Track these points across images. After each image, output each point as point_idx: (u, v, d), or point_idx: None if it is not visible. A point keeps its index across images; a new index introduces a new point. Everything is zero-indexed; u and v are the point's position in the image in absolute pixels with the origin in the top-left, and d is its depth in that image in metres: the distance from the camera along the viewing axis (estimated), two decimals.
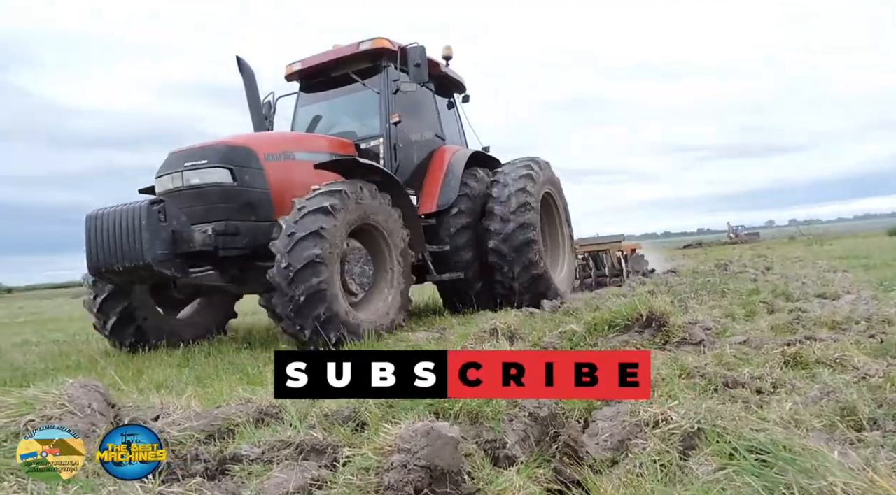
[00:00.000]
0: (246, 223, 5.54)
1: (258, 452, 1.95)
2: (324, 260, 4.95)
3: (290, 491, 1.75)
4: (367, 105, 7.17)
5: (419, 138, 7.54)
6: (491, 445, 2.08)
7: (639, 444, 2.09)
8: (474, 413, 2.18)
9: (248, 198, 5.59)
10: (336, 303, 5.04)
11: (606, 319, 4.12)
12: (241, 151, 5.67)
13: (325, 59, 7.30)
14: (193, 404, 2.37)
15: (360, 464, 1.62)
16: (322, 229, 5.00)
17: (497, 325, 4.31)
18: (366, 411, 2.40)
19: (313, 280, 4.88)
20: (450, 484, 1.57)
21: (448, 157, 7.60)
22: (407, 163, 7.18)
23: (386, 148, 6.83)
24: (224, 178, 5.51)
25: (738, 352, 3.49)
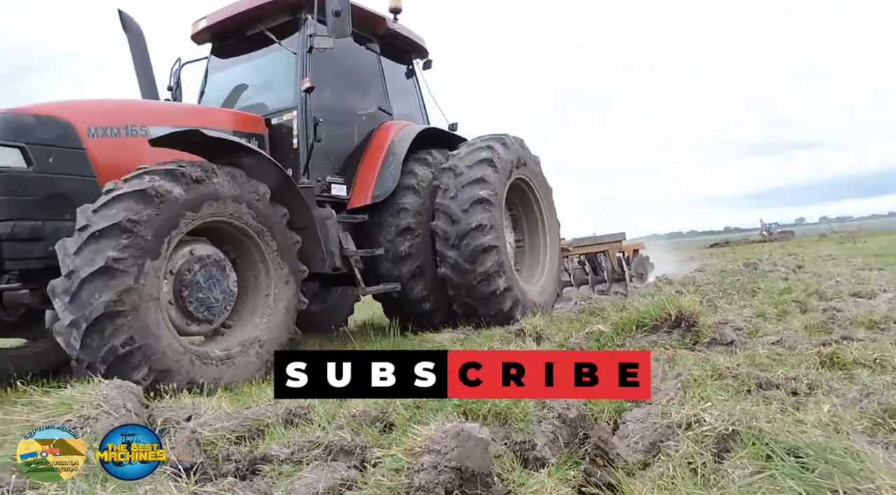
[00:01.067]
0: (54, 223, 3.94)
1: (288, 453, 1.97)
2: (120, 292, 3.26)
3: (319, 492, 1.76)
4: (281, 69, 5.48)
5: (352, 111, 5.83)
6: (520, 447, 2.06)
7: (671, 446, 2.05)
8: (503, 414, 2.17)
9: (56, 188, 3.98)
10: (150, 347, 3.35)
11: (634, 319, 4.06)
12: (46, 124, 4.00)
13: (235, 13, 5.63)
14: (224, 405, 2.40)
15: (390, 465, 1.62)
16: (123, 241, 3.33)
17: (524, 326, 4.28)
18: (393, 412, 2.41)
19: (108, 326, 3.23)
20: (480, 486, 1.56)
21: (391, 136, 5.84)
22: (335, 142, 5.55)
23: (300, 122, 5.12)
24: (13, 162, 3.92)
25: (772, 353, 3.41)
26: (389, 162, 5.69)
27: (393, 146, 5.77)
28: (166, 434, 1.96)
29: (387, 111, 6.17)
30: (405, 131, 5.96)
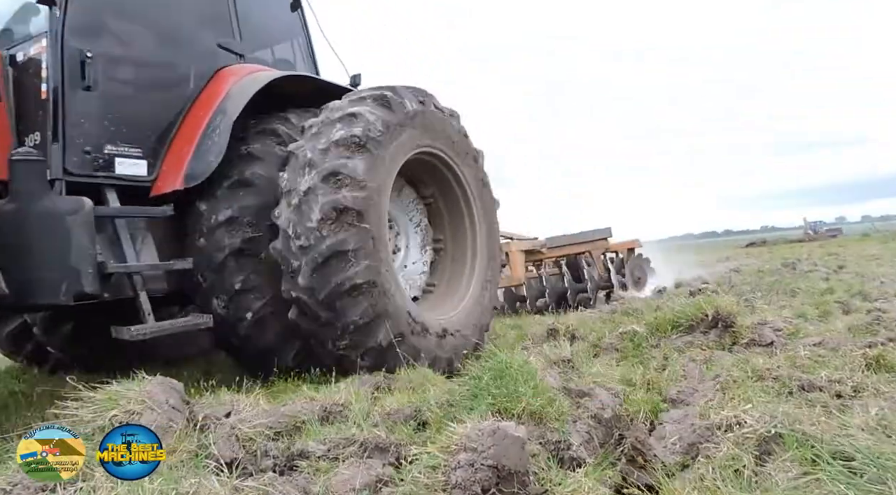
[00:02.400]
0: None
1: (324, 449, 2.00)
2: None
3: (356, 488, 1.78)
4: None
5: (168, 46, 3.79)
6: (555, 446, 2.04)
7: (711, 448, 2.01)
8: (537, 413, 2.16)
9: None
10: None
11: (669, 319, 4.00)
12: None
13: None
14: (262, 402, 2.44)
15: (426, 462, 1.62)
16: None
17: (556, 326, 4.25)
18: (427, 410, 2.42)
19: None
20: (517, 485, 1.56)
21: (227, 87, 3.78)
22: (132, 94, 3.59)
23: (51, 57, 3.16)
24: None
25: (813, 354, 3.31)
26: (215, 125, 3.57)
27: (226, 102, 3.66)
28: (207, 429, 2.00)
29: (234, 51, 4.07)
30: (248, 80, 3.79)
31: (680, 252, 14.89)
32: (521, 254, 7.72)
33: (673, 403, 2.58)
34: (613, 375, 2.95)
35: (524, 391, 2.22)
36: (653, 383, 2.88)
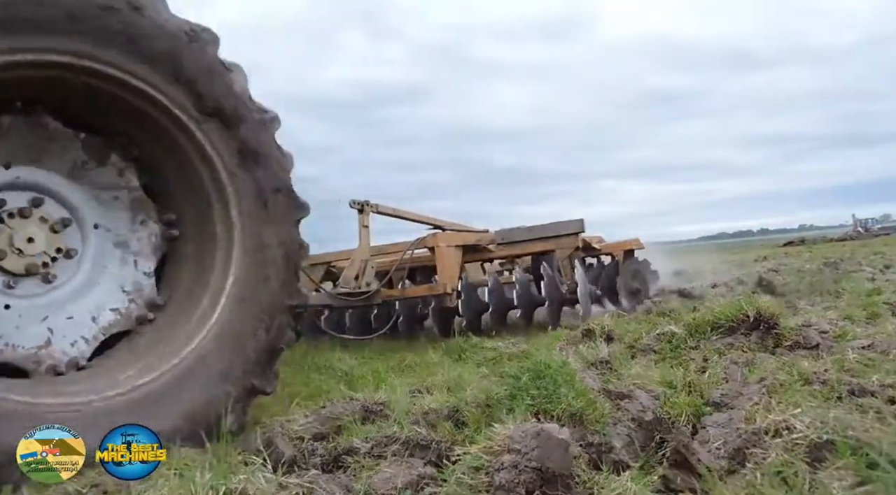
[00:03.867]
0: None
1: (368, 447, 2.02)
2: None
3: (398, 487, 1.79)
4: None
5: None
6: (596, 449, 2.03)
7: (758, 454, 1.96)
8: (578, 415, 2.14)
9: None
10: None
11: (709, 320, 3.90)
12: None
13: None
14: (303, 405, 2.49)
15: (470, 463, 1.63)
16: None
17: (593, 326, 4.20)
18: (466, 410, 2.42)
19: None
20: (561, 487, 1.55)
21: None
22: None
23: None
24: None
25: (863, 358, 3.20)
26: None
27: None
28: (255, 429, 2.05)
29: None
30: None
31: (713, 252, 14.55)
32: (454, 252, 5.79)
33: (716, 407, 2.53)
34: (653, 377, 2.90)
35: (564, 392, 2.21)
36: (694, 385, 2.83)
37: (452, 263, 5.75)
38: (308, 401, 2.76)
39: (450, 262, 5.71)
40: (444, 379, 3.07)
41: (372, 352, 5.20)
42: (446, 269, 5.64)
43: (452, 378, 3.05)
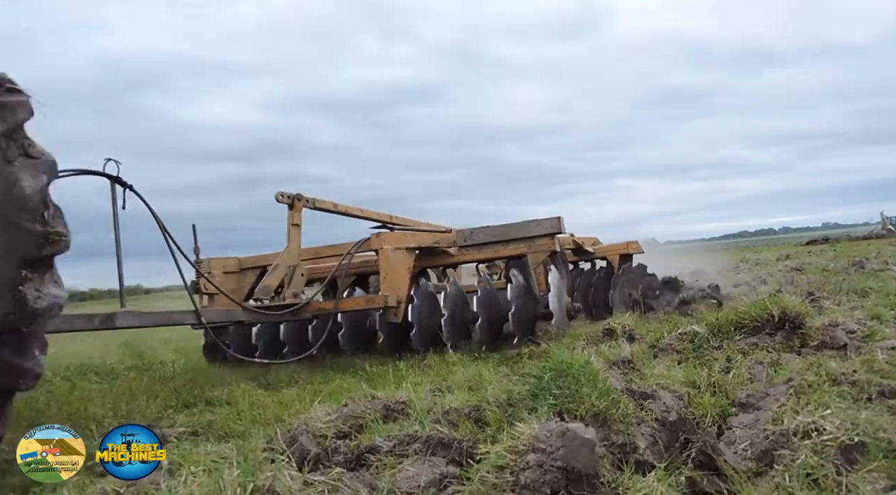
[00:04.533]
0: None
1: (390, 445, 2.02)
2: None
3: (421, 486, 1.79)
4: None
5: None
6: (621, 449, 2.00)
7: (786, 456, 1.93)
8: (601, 415, 2.12)
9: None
10: None
11: (732, 320, 3.85)
12: None
13: None
14: (327, 404, 2.50)
15: (494, 462, 1.62)
16: None
17: (613, 325, 4.16)
18: (487, 409, 2.41)
19: None
20: (587, 487, 1.54)
21: None
22: None
23: None
24: None
25: (892, 358, 3.13)
26: None
27: None
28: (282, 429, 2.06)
29: None
30: None
31: (734, 251, 14.30)
32: (403, 256, 4.90)
33: (742, 407, 2.49)
34: (676, 377, 2.86)
35: (587, 392, 2.19)
36: (718, 386, 2.79)
37: (399, 269, 4.77)
38: (329, 400, 2.78)
39: (396, 268, 4.72)
40: (464, 378, 3.06)
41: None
42: (391, 276, 4.71)
43: (472, 377, 3.04)
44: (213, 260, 5.34)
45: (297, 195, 5.01)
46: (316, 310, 4.87)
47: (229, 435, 2.54)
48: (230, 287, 5.01)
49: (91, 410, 3.31)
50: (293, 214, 4.98)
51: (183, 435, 2.16)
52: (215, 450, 1.85)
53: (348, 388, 3.22)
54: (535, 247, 5.02)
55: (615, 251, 6.51)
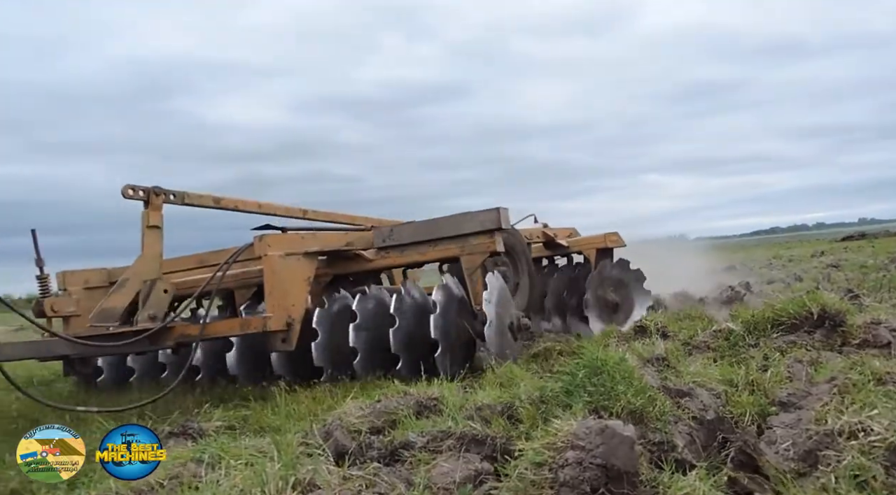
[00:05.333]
0: None
1: (424, 441, 2.03)
2: None
3: (456, 481, 1.79)
4: None
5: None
6: (658, 447, 1.98)
7: (831, 457, 1.88)
8: (637, 412, 2.09)
9: None
10: None
11: (769, 317, 3.76)
12: None
13: None
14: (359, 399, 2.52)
15: (532, 459, 1.61)
16: None
17: (646, 322, 4.10)
18: (520, 406, 2.40)
19: None
20: (627, 485, 1.51)
21: None
22: None
23: None
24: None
25: None
26: None
27: None
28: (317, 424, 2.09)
29: None
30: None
31: (767, 247, 13.96)
32: (295, 264, 3.82)
33: (783, 406, 2.43)
34: (712, 375, 2.81)
35: (622, 389, 2.17)
36: (757, 384, 2.73)
37: (291, 280, 3.70)
38: (362, 395, 2.80)
39: (285, 279, 3.68)
40: (495, 375, 3.05)
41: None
42: (277, 291, 3.65)
43: (504, 374, 3.03)
44: (71, 273, 4.31)
45: (154, 188, 3.91)
46: (180, 336, 3.72)
47: (265, 429, 2.58)
48: (92, 306, 3.86)
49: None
50: (149, 214, 3.87)
51: (220, 429, 2.20)
52: (253, 444, 1.89)
53: (379, 384, 3.23)
54: (470, 248, 3.93)
55: (591, 245, 5.73)
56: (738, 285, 7.39)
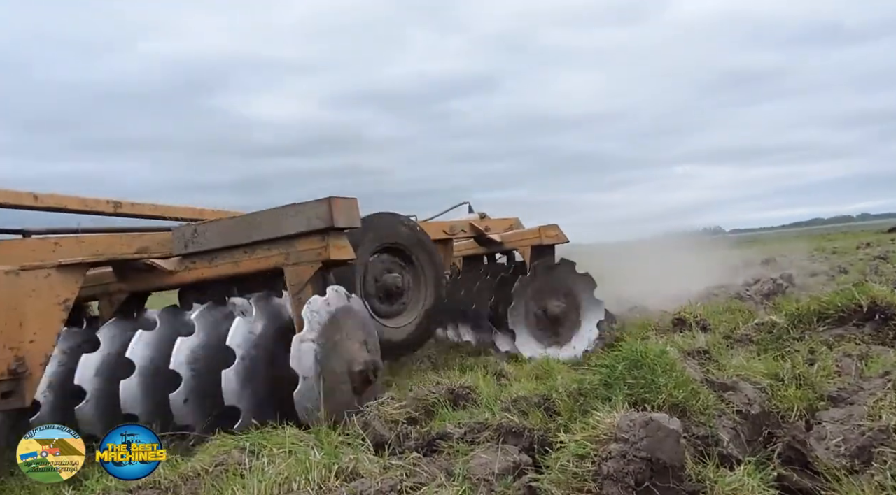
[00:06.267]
0: None
1: (461, 432, 2.03)
2: None
3: (495, 472, 1.78)
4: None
5: None
6: (703, 441, 1.93)
7: (886, 453, 1.80)
8: (680, 406, 2.04)
9: None
10: None
11: (814, 310, 3.63)
12: None
13: None
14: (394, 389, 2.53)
15: (574, 451, 1.58)
16: None
17: (684, 314, 4.01)
18: (557, 399, 2.37)
19: None
20: (672, 479, 1.48)
21: None
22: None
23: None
24: None
25: None
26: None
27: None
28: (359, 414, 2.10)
29: None
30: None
31: (808, 239, 13.52)
32: (42, 282, 2.40)
33: (832, 401, 2.35)
34: (757, 368, 2.73)
35: (664, 382, 2.12)
36: (804, 378, 2.64)
37: (21, 307, 2.32)
38: (396, 385, 2.81)
39: (10, 307, 2.31)
40: (531, 367, 3.02)
41: None
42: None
43: (540, 366, 3.01)
44: None
45: None
46: None
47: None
48: None
49: None
50: None
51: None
52: (293, 434, 1.91)
53: (412, 375, 3.25)
54: (296, 255, 2.69)
55: (524, 241, 4.44)
56: (779, 278, 7.19)
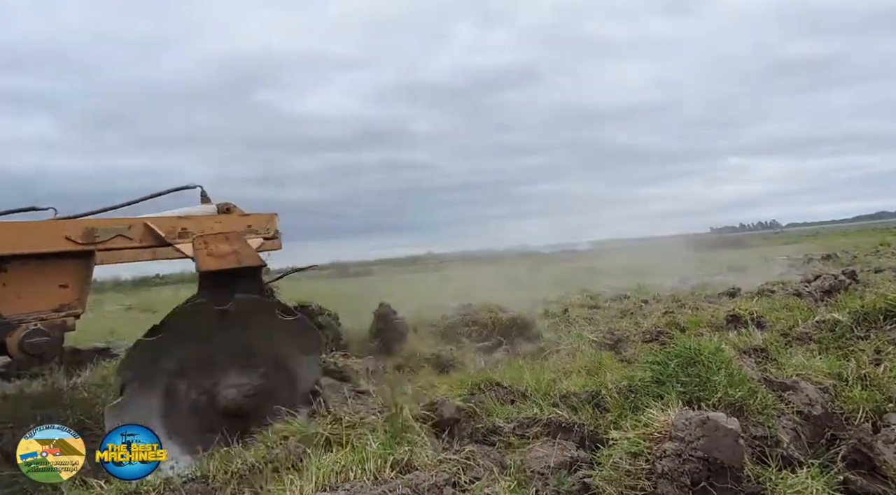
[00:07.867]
0: None
1: (511, 427, 2.03)
2: None
3: (551, 466, 1.79)
4: None
5: None
6: (761, 442, 1.87)
7: None
8: (736, 405, 1.99)
9: None
10: None
11: (880, 308, 3.46)
12: None
13: None
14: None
15: (627, 448, 1.57)
16: None
17: (738, 310, 3.86)
18: (607, 395, 2.35)
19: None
20: (731, 480, 1.45)
21: None
22: None
23: None
24: None
25: None
26: None
27: None
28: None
29: None
30: None
31: (872, 234, 12.81)
32: None
33: None
34: (818, 368, 2.63)
35: (719, 380, 2.07)
36: (870, 379, 2.52)
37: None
38: (452, 380, 2.81)
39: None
40: (582, 362, 2.99)
41: None
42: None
43: (591, 362, 2.97)
44: None
45: None
46: None
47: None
48: None
49: None
50: None
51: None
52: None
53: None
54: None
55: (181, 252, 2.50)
56: (840, 274, 6.83)
